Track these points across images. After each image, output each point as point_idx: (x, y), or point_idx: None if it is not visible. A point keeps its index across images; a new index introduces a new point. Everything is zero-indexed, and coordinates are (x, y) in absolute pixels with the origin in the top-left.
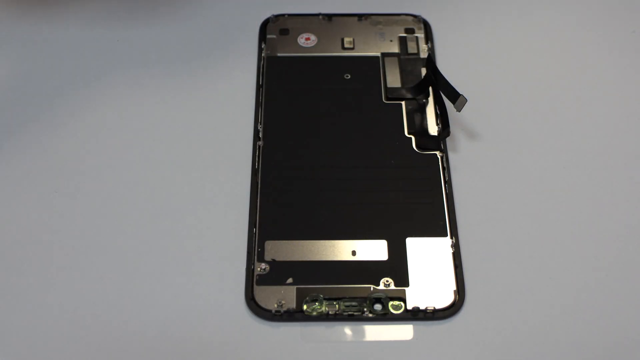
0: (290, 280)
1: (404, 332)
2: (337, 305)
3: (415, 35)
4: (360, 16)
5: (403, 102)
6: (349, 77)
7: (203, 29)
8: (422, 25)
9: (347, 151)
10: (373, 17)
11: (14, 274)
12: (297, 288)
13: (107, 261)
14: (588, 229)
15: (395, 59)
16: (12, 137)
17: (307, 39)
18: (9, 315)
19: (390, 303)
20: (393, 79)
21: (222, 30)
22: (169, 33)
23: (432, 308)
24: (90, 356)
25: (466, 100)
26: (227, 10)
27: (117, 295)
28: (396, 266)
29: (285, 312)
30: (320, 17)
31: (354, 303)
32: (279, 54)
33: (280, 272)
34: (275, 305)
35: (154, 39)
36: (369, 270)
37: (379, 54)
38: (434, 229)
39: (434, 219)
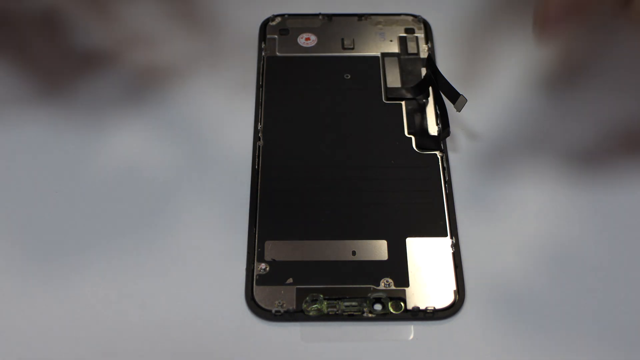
0: (290, 280)
1: (404, 332)
2: (337, 305)
3: (415, 35)
4: (360, 16)
5: (403, 102)
6: (349, 77)
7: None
8: (422, 25)
9: (347, 151)
10: (373, 17)
11: (14, 274)
12: (297, 288)
13: (107, 261)
14: (588, 229)
15: (395, 59)
16: (13, 136)
17: (307, 39)
18: (9, 315)
19: (390, 303)
20: (393, 79)
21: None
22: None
23: (432, 308)
24: (91, 356)
25: (466, 100)
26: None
27: (117, 295)
28: (396, 266)
29: (285, 312)
30: (320, 17)
31: (354, 303)
32: (279, 54)
33: (280, 272)
34: (275, 305)
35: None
36: (369, 271)
37: (379, 54)
38: (434, 229)
39: (434, 219)
